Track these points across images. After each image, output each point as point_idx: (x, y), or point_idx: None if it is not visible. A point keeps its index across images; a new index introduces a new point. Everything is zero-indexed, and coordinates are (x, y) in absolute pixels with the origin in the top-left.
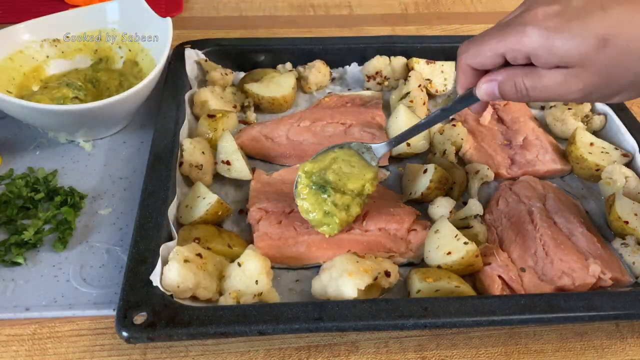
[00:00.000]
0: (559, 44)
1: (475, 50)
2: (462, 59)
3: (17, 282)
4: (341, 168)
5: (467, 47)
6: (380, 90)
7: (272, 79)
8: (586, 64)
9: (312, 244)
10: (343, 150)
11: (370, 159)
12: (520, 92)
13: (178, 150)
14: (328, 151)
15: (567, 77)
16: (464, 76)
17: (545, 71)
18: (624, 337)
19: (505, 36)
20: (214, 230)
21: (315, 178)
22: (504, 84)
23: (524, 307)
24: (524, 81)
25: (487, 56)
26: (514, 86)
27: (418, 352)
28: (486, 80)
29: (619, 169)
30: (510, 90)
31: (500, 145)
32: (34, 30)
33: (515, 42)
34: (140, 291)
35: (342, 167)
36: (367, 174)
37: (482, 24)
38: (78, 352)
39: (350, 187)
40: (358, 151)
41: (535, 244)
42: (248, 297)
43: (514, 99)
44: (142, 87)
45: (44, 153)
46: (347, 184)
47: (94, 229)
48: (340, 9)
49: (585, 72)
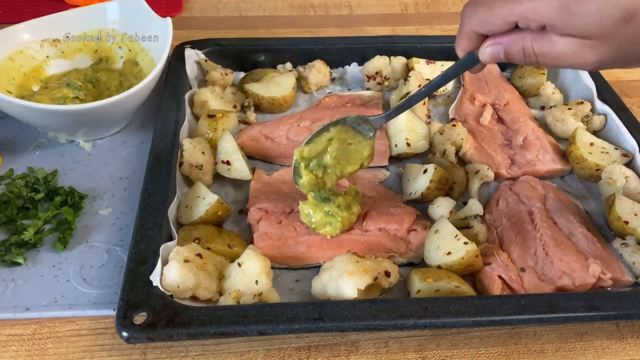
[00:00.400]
0: (580, 17)
1: (483, 16)
2: (467, 25)
3: (17, 282)
4: (338, 150)
5: (474, 11)
6: (380, 90)
7: (272, 79)
8: (606, 38)
9: (312, 244)
10: (338, 127)
11: (367, 130)
12: (529, 57)
13: (178, 150)
14: (322, 131)
15: (582, 48)
16: (467, 40)
17: (557, 37)
18: (624, 337)
19: (519, 2)
20: (214, 230)
21: (313, 164)
22: (510, 48)
23: (524, 307)
24: (533, 46)
25: (497, 24)
26: (521, 51)
27: (418, 352)
28: (491, 43)
29: (619, 169)
30: (517, 54)
31: (500, 145)
32: (34, 30)
33: (530, 10)
34: (140, 291)
35: (338, 149)
36: (365, 152)
37: None
38: (78, 352)
39: (350, 169)
40: (354, 125)
41: (535, 244)
42: (248, 297)
43: (521, 62)
44: (142, 87)
45: (44, 153)
46: (346, 167)
47: (94, 229)
48: (340, 9)
49: (604, 45)
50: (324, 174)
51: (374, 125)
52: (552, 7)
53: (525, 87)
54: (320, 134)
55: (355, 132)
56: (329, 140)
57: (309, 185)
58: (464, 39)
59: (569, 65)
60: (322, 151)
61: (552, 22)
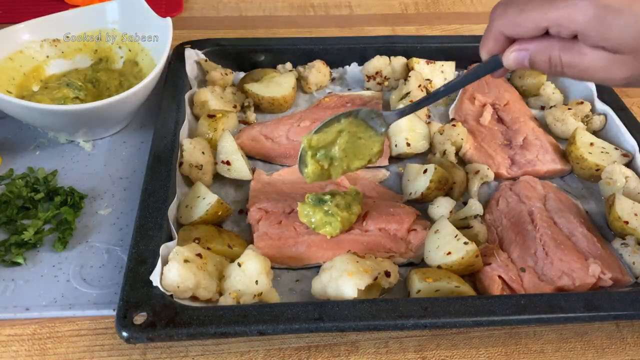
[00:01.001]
0: (617, 28)
1: (514, 18)
2: (496, 26)
3: (17, 282)
4: (347, 142)
5: (504, 12)
6: (380, 90)
7: (272, 79)
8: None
9: (312, 244)
10: (349, 120)
11: (380, 125)
12: (555, 67)
13: (178, 150)
14: (333, 121)
15: (612, 63)
16: (494, 43)
17: (588, 50)
18: (624, 337)
19: (553, 8)
20: (214, 230)
21: (320, 154)
22: (536, 56)
23: (524, 307)
24: (560, 56)
25: (528, 28)
26: (548, 60)
27: (418, 352)
28: (517, 48)
29: (619, 169)
30: (543, 63)
31: (500, 145)
32: (34, 30)
33: (563, 17)
34: (140, 291)
35: (348, 141)
36: (375, 147)
37: (482, 24)
38: (78, 352)
39: (357, 164)
40: (366, 119)
41: (535, 244)
42: (248, 297)
43: (546, 72)
44: (142, 87)
45: (44, 153)
46: (354, 161)
47: (94, 229)
48: (340, 9)
49: (635, 61)
50: (330, 166)
51: (386, 120)
52: (587, 16)
53: (525, 87)
54: (331, 124)
55: (367, 127)
56: (339, 131)
57: (313, 175)
58: (491, 40)
59: (596, 79)
60: (331, 142)
61: (586, 31)
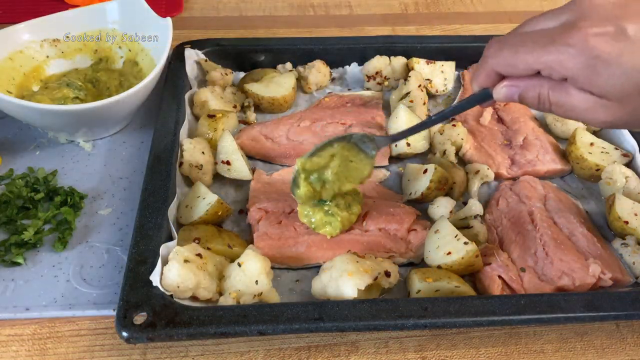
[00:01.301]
0: (605, 77)
1: (508, 59)
2: (490, 64)
3: (17, 282)
4: (339, 166)
5: (498, 52)
6: (380, 90)
7: (272, 79)
8: (622, 101)
9: (312, 244)
10: (342, 144)
11: (371, 148)
12: (543, 104)
13: (178, 150)
14: (327, 145)
15: (597, 106)
16: (486, 78)
17: (575, 91)
18: (624, 337)
19: (546, 52)
20: (214, 230)
21: (313, 178)
22: (527, 92)
23: (524, 307)
24: (549, 95)
25: (520, 68)
26: (537, 97)
27: (418, 352)
28: (508, 84)
29: (619, 169)
30: (532, 100)
31: (500, 145)
32: (34, 30)
33: (556, 62)
34: (140, 291)
35: (340, 165)
36: (365, 171)
37: (482, 24)
38: (78, 352)
39: (348, 187)
40: (358, 143)
41: (536, 244)
42: (248, 297)
43: (534, 107)
44: (142, 87)
45: (44, 153)
46: (345, 184)
47: (94, 229)
48: (340, 9)
49: (618, 108)
50: (322, 188)
51: (378, 144)
52: (578, 63)
53: None
54: (324, 148)
55: (358, 150)
56: (332, 155)
57: (305, 197)
58: (483, 75)
59: (580, 119)
60: (324, 166)
61: (576, 77)
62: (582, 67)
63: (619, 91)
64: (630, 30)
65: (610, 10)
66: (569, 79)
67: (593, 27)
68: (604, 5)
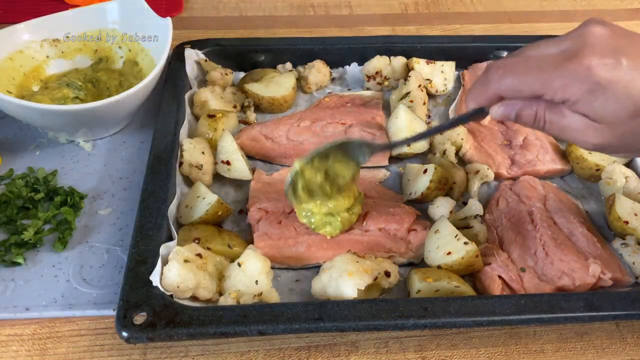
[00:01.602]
0: (600, 102)
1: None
2: (494, 88)
3: (17, 282)
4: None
5: (504, 77)
6: (380, 90)
7: (272, 79)
8: (613, 126)
9: (312, 244)
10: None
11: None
12: (538, 123)
13: (178, 150)
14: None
15: (588, 129)
16: (487, 100)
17: (570, 113)
18: (624, 337)
19: (551, 80)
20: (214, 230)
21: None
22: (523, 111)
23: (524, 307)
24: (545, 115)
25: (524, 92)
26: (533, 115)
27: (418, 352)
28: (506, 103)
29: (619, 169)
30: (528, 119)
31: (500, 145)
32: (34, 30)
33: (560, 90)
34: (140, 291)
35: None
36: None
37: (482, 24)
38: (78, 352)
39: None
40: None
41: (535, 244)
42: (248, 297)
43: (529, 126)
44: (142, 87)
45: (44, 153)
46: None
47: (94, 229)
48: (340, 9)
49: (608, 131)
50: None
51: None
52: (582, 89)
53: None
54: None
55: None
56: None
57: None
58: (485, 97)
59: (572, 139)
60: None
61: (576, 100)
62: (584, 92)
63: (612, 115)
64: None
65: (608, 42)
66: (569, 102)
67: (595, 56)
68: (603, 37)
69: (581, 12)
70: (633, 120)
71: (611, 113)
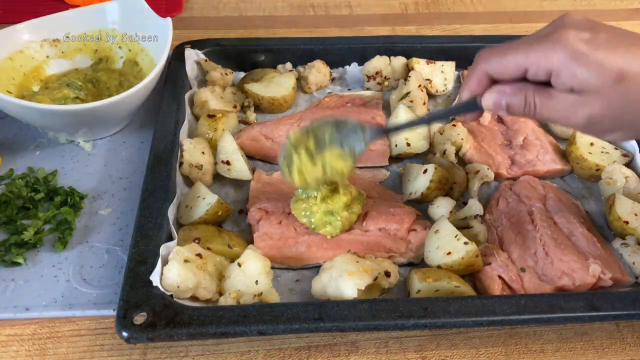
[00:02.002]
0: (582, 69)
1: (498, 60)
2: (481, 68)
3: (17, 282)
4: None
5: (489, 56)
6: (380, 90)
7: (272, 79)
8: (599, 94)
9: (312, 244)
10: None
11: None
12: (529, 107)
13: (178, 150)
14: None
15: (576, 102)
16: (477, 83)
17: (557, 92)
18: (624, 337)
19: (533, 51)
20: (214, 230)
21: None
22: (513, 97)
23: (524, 307)
24: (534, 97)
25: (509, 67)
26: (523, 100)
27: (418, 352)
28: (495, 91)
29: (619, 169)
30: (518, 105)
31: (500, 145)
32: (34, 30)
33: (541, 57)
34: (140, 291)
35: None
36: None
37: (482, 24)
38: (78, 352)
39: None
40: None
41: (535, 244)
42: (248, 297)
43: (520, 113)
44: (142, 87)
45: (44, 153)
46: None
47: (94, 229)
48: (340, 9)
49: (595, 101)
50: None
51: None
52: (561, 56)
53: None
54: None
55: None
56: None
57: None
58: (474, 80)
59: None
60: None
61: (559, 70)
62: (564, 61)
63: (594, 82)
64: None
65: (586, 22)
66: (553, 74)
67: (574, 29)
68: (581, 21)
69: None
70: (618, 84)
71: (595, 77)
